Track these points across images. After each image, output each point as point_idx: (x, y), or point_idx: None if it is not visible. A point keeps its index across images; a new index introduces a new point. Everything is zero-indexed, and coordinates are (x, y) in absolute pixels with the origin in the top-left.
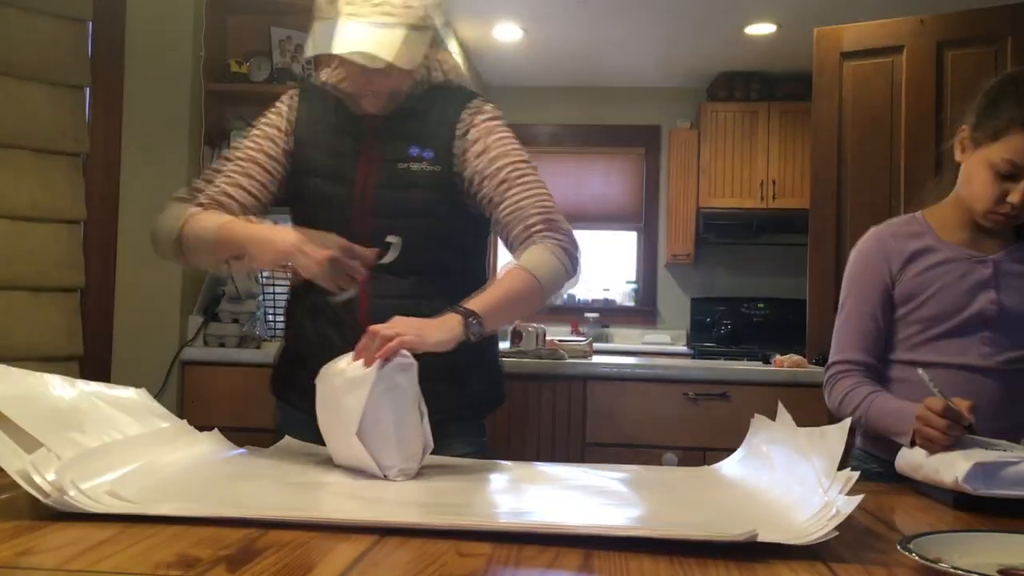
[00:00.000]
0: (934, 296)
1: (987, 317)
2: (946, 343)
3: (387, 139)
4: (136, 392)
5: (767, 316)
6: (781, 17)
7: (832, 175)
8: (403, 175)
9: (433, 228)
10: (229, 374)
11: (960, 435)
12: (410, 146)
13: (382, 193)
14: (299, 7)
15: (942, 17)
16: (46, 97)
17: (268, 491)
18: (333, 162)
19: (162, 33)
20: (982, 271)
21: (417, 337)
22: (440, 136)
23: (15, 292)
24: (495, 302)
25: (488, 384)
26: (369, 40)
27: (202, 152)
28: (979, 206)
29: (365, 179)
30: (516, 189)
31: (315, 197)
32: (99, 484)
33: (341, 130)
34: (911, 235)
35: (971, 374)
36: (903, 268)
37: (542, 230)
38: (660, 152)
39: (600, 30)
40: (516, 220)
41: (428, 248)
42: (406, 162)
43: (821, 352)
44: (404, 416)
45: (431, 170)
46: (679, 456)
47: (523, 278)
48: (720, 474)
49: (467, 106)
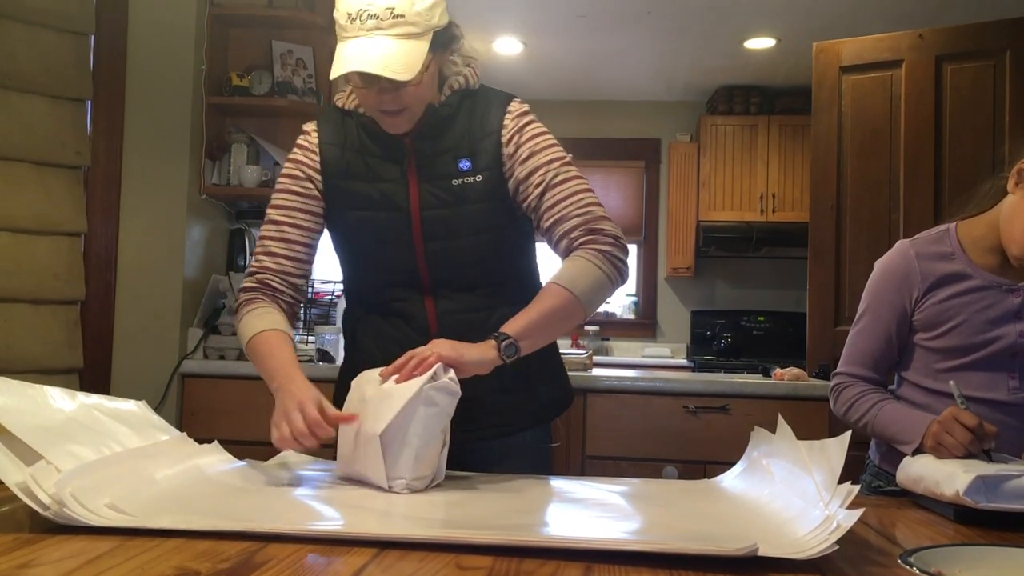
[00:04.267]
0: (957, 327)
1: (1016, 351)
2: (970, 374)
3: (432, 155)
4: (136, 404)
5: (767, 329)
6: (780, 31)
7: (832, 189)
8: (456, 191)
9: (491, 239)
10: (229, 387)
11: (976, 453)
12: (459, 160)
13: (438, 213)
14: (300, 22)
15: (941, 31)
16: (48, 110)
17: (268, 504)
18: (379, 190)
19: (164, 47)
20: (1012, 300)
21: (456, 354)
22: (487, 146)
23: (16, 304)
24: (531, 324)
25: (558, 388)
26: (359, 58)
27: (203, 164)
28: (1016, 250)
29: (418, 201)
30: (554, 193)
31: (366, 229)
32: (99, 497)
33: (378, 155)
34: (941, 256)
35: (997, 409)
36: (926, 294)
37: (580, 237)
38: (660, 165)
39: (600, 44)
40: (557, 231)
41: (489, 260)
42: (459, 177)
43: (821, 365)
44: (432, 436)
45: (482, 181)
46: (679, 469)
47: (560, 295)
48: (720, 487)
49: (507, 110)
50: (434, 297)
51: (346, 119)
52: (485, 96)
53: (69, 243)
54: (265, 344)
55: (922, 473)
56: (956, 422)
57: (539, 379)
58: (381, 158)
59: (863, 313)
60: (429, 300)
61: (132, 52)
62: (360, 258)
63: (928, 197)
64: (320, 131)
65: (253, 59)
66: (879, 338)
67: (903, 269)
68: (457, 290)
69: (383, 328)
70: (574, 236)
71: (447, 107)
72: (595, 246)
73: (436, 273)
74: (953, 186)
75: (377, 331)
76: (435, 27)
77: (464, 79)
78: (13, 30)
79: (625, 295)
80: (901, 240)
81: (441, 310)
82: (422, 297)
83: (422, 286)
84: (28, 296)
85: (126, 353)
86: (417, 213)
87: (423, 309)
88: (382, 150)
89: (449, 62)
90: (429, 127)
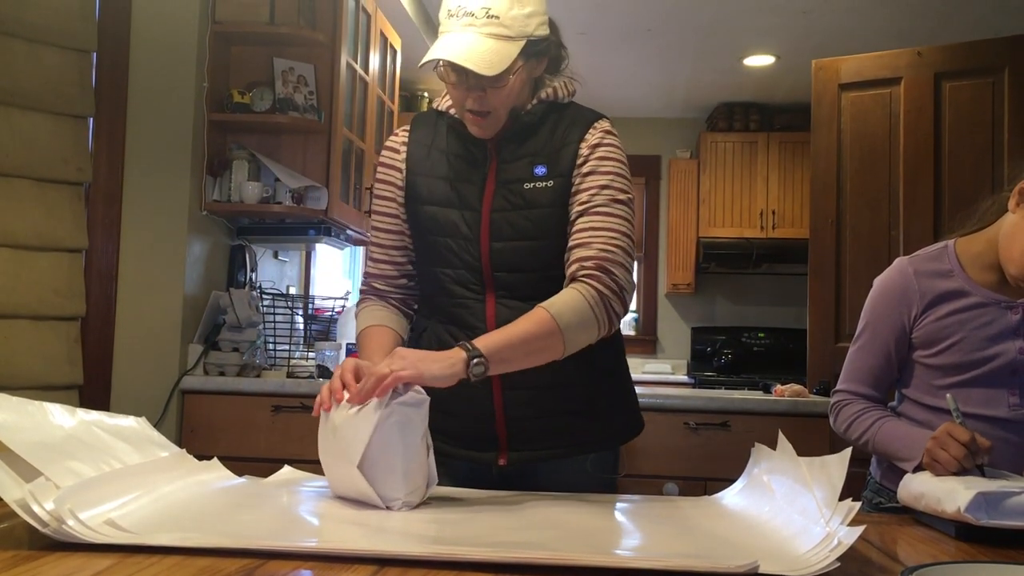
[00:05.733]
0: (956, 344)
1: (1016, 367)
2: (970, 391)
3: (511, 160)
4: (136, 421)
5: (768, 345)
6: (779, 49)
7: (831, 205)
8: (527, 194)
9: (555, 246)
10: (229, 403)
11: (970, 468)
12: (535, 166)
13: (506, 215)
14: (301, 39)
15: (939, 49)
16: (50, 127)
17: (267, 521)
18: (456, 189)
19: (165, 64)
20: (1010, 317)
21: (414, 371)
22: (565, 155)
23: (16, 320)
24: (506, 344)
25: (628, 414)
26: (448, 48)
27: (204, 181)
28: (1013, 270)
29: (490, 203)
30: (590, 218)
31: (437, 223)
32: (98, 514)
33: (462, 156)
34: (939, 274)
35: (997, 426)
36: (924, 311)
37: (590, 270)
38: (660, 182)
39: (600, 61)
40: (574, 254)
41: (547, 266)
42: (532, 182)
43: (822, 382)
44: (413, 450)
45: (553, 187)
46: (680, 486)
47: (545, 323)
48: (721, 504)
49: (594, 126)
50: (496, 302)
51: (439, 120)
52: (574, 111)
53: (70, 259)
54: (365, 337)
55: (923, 490)
56: (950, 437)
57: (608, 403)
58: (464, 159)
59: (862, 331)
60: (491, 305)
61: (134, 69)
62: (429, 254)
63: (928, 214)
64: (412, 130)
65: (254, 76)
66: (878, 355)
67: (901, 286)
68: (517, 297)
69: (444, 339)
70: (585, 266)
71: (531, 115)
72: (598, 285)
73: (499, 276)
74: (952, 203)
75: (440, 341)
76: (530, 35)
77: (553, 91)
78: (16, 48)
79: None
80: (900, 258)
81: (501, 319)
82: (483, 303)
83: (484, 289)
84: (28, 312)
85: (126, 369)
86: (488, 214)
87: (484, 316)
88: (466, 151)
89: (544, 76)
90: (512, 132)
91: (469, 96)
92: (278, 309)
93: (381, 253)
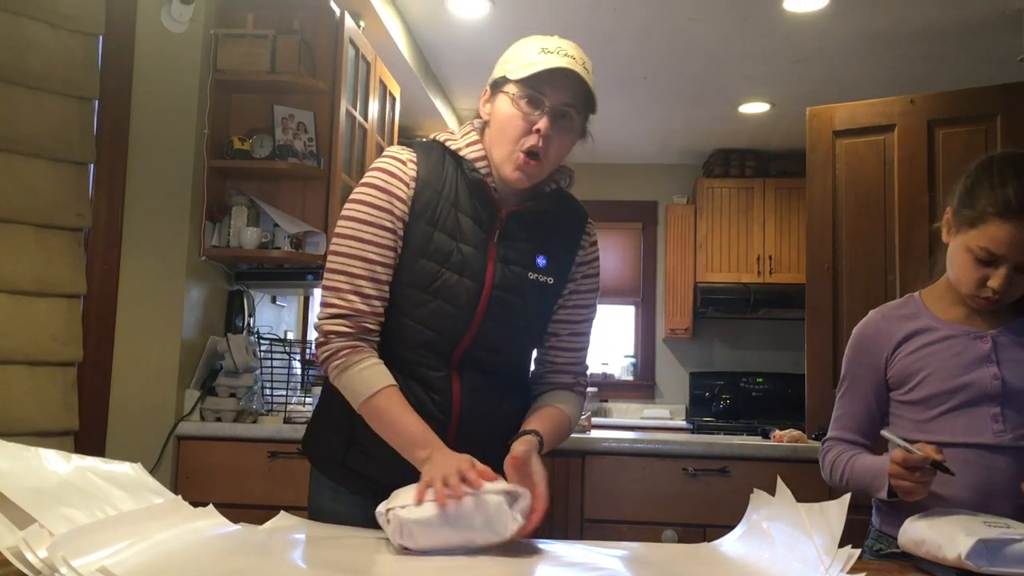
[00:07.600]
0: (929, 376)
1: (992, 394)
2: (953, 422)
3: (516, 239)
4: (131, 467)
5: (766, 390)
6: (774, 96)
7: (827, 251)
8: (530, 283)
9: (534, 335)
10: (225, 449)
11: (934, 476)
12: (537, 256)
13: (507, 296)
14: (301, 87)
15: (932, 96)
16: (51, 173)
17: (262, 568)
18: (459, 250)
19: (167, 111)
20: (980, 346)
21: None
22: (564, 259)
23: (13, 366)
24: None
25: None
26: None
27: (203, 226)
28: (963, 289)
29: (493, 278)
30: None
31: (433, 283)
32: (91, 561)
33: (468, 214)
34: (905, 316)
35: (984, 453)
36: (895, 351)
37: (575, 380)
38: (657, 227)
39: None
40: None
41: (523, 351)
42: (535, 272)
43: (821, 427)
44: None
45: (552, 285)
46: (679, 533)
47: (567, 426)
48: (720, 551)
49: (586, 231)
50: (461, 374)
51: (447, 160)
52: (571, 204)
53: (68, 304)
54: (392, 404)
55: (924, 536)
56: (899, 467)
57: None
58: (470, 217)
59: (843, 380)
60: (456, 377)
61: (135, 116)
62: (411, 309)
63: (923, 259)
64: (420, 166)
65: (255, 123)
66: (859, 401)
67: (872, 333)
68: (483, 372)
69: (406, 392)
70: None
71: (546, 201)
72: (580, 390)
73: (474, 350)
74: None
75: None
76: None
77: (568, 180)
78: (18, 95)
79: (623, 356)
80: (871, 310)
81: (466, 388)
82: (450, 372)
83: (454, 359)
84: (25, 358)
85: (122, 414)
86: (490, 289)
87: (450, 384)
88: (475, 212)
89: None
90: (525, 211)
91: (536, 130)
92: (275, 354)
93: (374, 289)
